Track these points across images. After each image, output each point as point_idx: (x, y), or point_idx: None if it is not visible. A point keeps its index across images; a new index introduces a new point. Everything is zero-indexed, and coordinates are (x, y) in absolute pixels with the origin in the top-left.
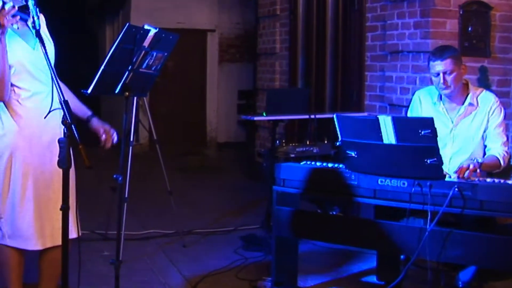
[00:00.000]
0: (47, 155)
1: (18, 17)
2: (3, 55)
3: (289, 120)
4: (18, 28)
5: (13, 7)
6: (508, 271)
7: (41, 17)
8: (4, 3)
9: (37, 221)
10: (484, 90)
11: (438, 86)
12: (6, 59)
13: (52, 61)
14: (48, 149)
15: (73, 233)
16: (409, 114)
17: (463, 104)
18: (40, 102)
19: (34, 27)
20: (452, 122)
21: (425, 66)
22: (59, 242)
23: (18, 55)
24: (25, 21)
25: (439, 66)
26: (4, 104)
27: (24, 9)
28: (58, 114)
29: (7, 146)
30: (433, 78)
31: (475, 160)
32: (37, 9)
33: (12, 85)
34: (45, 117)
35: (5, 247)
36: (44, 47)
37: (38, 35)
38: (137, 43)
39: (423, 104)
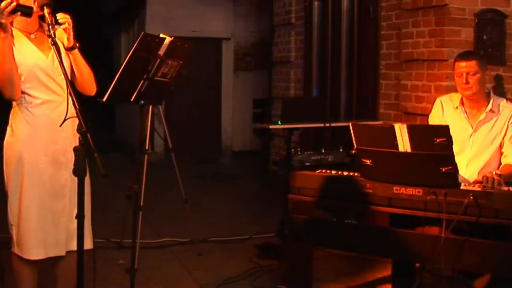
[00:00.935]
0: (56, 163)
1: (19, 13)
2: (10, 53)
3: (304, 128)
4: (35, 37)
5: (10, 3)
6: None
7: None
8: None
9: (39, 230)
10: (505, 99)
11: (460, 86)
12: (12, 57)
13: (68, 70)
14: (63, 158)
15: (86, 244)
16: (430, 120)
17: (484, 110)
18: (51, 111)
19: (49, 35)
20: (472, 128)
21: (440, 75)
22: (63, 252)
23: (30, 63)
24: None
25: (463, 66)
26: (15, 111)
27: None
28: (70, 123)
29: (16, 153)
30: (456, 79)
31: (494, 173)
32: (53, 18)
33: (22, 92)
34: (60, 125)
35: (16, 256)
36: (60, 56)
37: (54, 43)
38: (152, 52)
39: (445, 109)
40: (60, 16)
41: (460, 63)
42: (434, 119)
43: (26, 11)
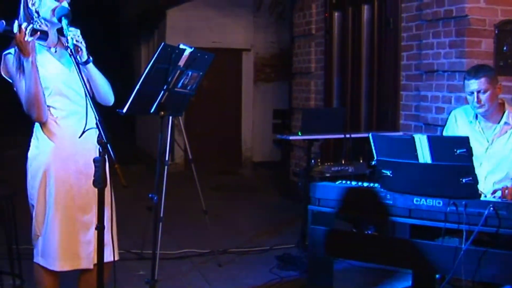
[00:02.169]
0: (82, 175)
1: (38, 33)
2: (36, 77)
3: (324, 139)
4: (56, 51)
5: (28, 25)
6: None
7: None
8: (19, 25)
9: (65, 242)
10: None
11: (472, 105)
12: (39, 81)
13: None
14: (84, 170)
15: (109, 256)
16: (444, 133)
17: (499, 123)
18: (75, 123)
19: (67, 46)
20: (488, 141)
21: (461, 86)
22: (91, 265)
23: (54, 77)
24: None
25: (473, 84)
26: (41, 124)
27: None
28: (94, 134)
29: (41, 165)
30: (468, 97)
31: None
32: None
33: (48, 106)
34: (79, 137)
35: (39, 266)
36: (79, 68)
37: (71, 54)
38: (172, 63)
39: (459, 123)
40: (70, 35)
41: (469, 82)
42: (448, 133)
43: (42, 35)
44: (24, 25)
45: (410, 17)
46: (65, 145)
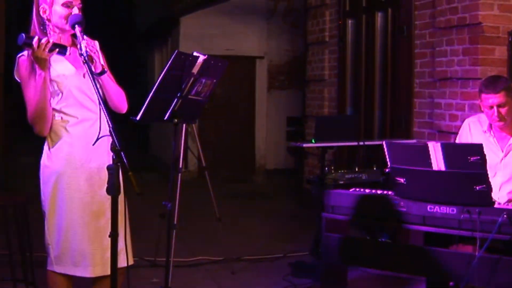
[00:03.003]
0: (95, 182)
1: (57, 50)
2: (46, 92)
3: (338, 147)
4: (70, 54)
5: (48, 41)
6: None
7: (96, 43)
8: (40, 38)
9: (86, 247)
10: None
11: (491, 119)
12: (49, 96)
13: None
14: (97, 176)
15: (122, 261)
16: (457, 141)
17: None
18: (87, 129)
19: (81, 54)
20: (502, 151)
21: (474, 93)
22: (108, 271)
23: (67, 81)
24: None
25: (492, 99)
26: (52, 130)
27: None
28: (106, 141)
29: (53, 172)
30: (485, 110)
31: None
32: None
33: (59, 111)
34: (93, 144)
35: (53, 274)
36: (92, 74)
37: (85, 62)
38: (186, 70)
39: (473, 132)
40: (84, 44)
41: (487, 96)
42: (462, 142)
43: (62, 50)
44: (44, 40)
45: (423, 24)
46: (77, 152)
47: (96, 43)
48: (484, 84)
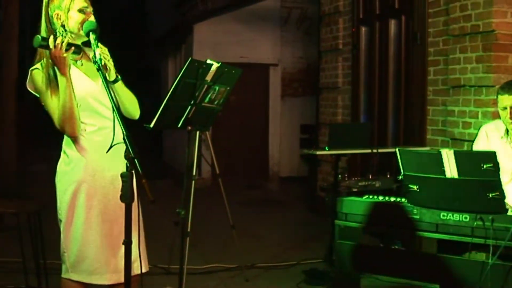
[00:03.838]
0: (111, 190)
1: (73, 48)
2: (71, 91)
3: (352, 154)
4: (82, 64)
5: (63, 41)
6: None
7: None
8: (55, 37)
9: (102, 255)
10: None
11: (505, 120)
12: (74, 95)
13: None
14: (112, 184)
15: (137, 269)
16: (475, 147)
17: None
18: (105, 137)
19: (95, 61)
20: None
21: (487, 100)
22: (122, 279)
23: (82, 91)
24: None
25: (507, 100)
26: (71, 138)
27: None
28: (122, 149)
29: (72, 181)
30: (501, 112)
31: None
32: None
33: None
34: (107, 151)
35: (69, 281)
36: (106, 81)
37: (99, 69)
38: (199, 77)
39: (491, 138)
40: (98, 51)
41: (503, 97)
42: (479, 148)
43: (76, 50)
44: (59, 40)
45: (437, 32)
46: (95, 160)
47: (106, 49)
48: (501, 87)
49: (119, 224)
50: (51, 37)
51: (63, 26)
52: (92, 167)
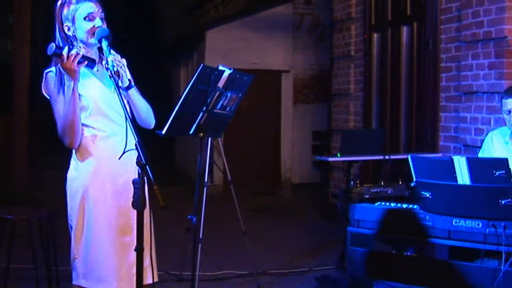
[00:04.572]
0: (121, 196)
1: (86, 62)
2: (75, 104)
3: (364, 161)
4: (97, 70)
5: (78, 53)
6: None
7: (123, 60)
8: (70, 49)
9: (112, 262)
10: None
11: (509, 124)
12: (78, 108)
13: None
14: (123, 191)
15: (149, 278)
16: (480, 154)
17: None
18: (116, 143)
19: (108, 68)
20: None
21: (500, 107)
22: (133, 287)
23: (95, 96)
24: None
25: (510, 103)
26: (81, 144)
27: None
28: (134, 155)
29: (80, 187)
30: (505, 116)
31: None
32: (111, 50)
33: (87, 125)
34: (119, 158)
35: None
36: (118, 88)
37: (112, 76)
38: (211, 84)
39: (495, 144)
40: (110, 58)
41: (506, 101)
42: (484, 154)
43: (90, 64)
44: (74, 51)
45: (449, 38)
46: (104, 166)
47: (119, 56)
48: (505, 91)
49: (130, 231)
50: (66, 48)
51: (74, 37)
52: (102, 173)
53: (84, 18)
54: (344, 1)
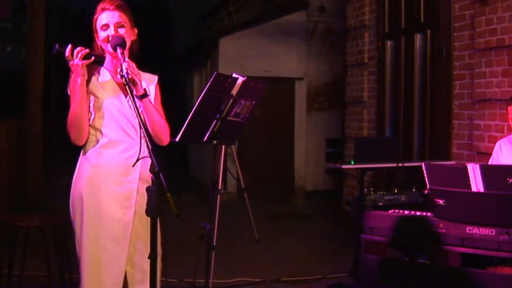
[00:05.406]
0: (118, 206)
1: (93, 58)
2: (81, 99)
3: (377, 168)
4: (120, 77)
5: (84, 49)
6: None
7: (155, 77)
8: (71, 48)
9: (98, 269)
10: None
11: None
12: (85, 103)
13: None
14: (122, 200)
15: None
16: (490, 163)
17: None
18: (119, 152)
19: (122, 75)
20: None
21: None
22: None
23: (107, 99)
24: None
25: None
26: (84, 149)
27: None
28: (142, 165)
29: (78, 191)
30: (510, 123)
31: None
32: (126, 57)
33: (96, 129)
34: (133, 165)
35: None
36: (133, 96)
37: (126, 83)
38: (225, 91)
39: (503, 151)
40: (125, 65)
41: (511, 107)
42: (493, 162)
43: (98, 59)
44: (79, 49)
45: (462, 46)
46: (103, 173)
47: (134, 65)
48: (510, 98)
49: (122, 241)
50: (69, 46)
51: (101, 46)
52: (98, 179)
53: (101, 28)
54: (358, 9)
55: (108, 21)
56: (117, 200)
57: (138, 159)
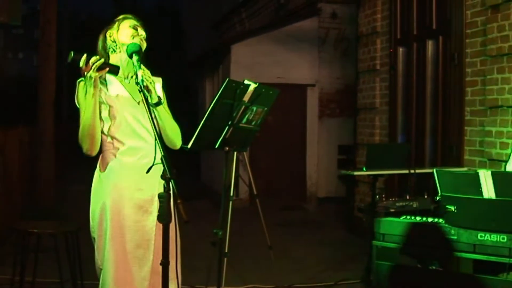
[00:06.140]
0: (139, 210)
1: (107, 69)
2: (94, 109)
3: (389, 175)
4: (129, 82)
5: (99, 59)
6: None
7: (159, 79)
8: (86, 58)
9: (119, 276)
10: None
11: None
12: (97, 114)
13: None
14: (143, 205)
15: None
16: (508, 169)
17: None
18: (138, 158)
19: (137, 82)
20: None
21: None
22: None
23: (121, 107)
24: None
25: None
26: (103, 156)
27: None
28: (158, 170)
29: (101, 198)
30: None
31: None
32: (141, 64)
33: (112, 137)
34: (147, 172)
35: None
36: (147, 103)
37: (141, 90)
38: (237, 98)
39: None
40: (140, 73)
41: None
42: (509, 168)
43: (113, 69)
44: (92, 60)
45: (474, 52)
46: (124, 180)
47: (149, 72)
48: None
49: (145, 245)
50: (84, 55)
51: (114, 41)
52: (121, 186)
53: (130, 26)
54: (370, 15)
55: (138, 26)
56: (139, 206)
57: (151, 166)
